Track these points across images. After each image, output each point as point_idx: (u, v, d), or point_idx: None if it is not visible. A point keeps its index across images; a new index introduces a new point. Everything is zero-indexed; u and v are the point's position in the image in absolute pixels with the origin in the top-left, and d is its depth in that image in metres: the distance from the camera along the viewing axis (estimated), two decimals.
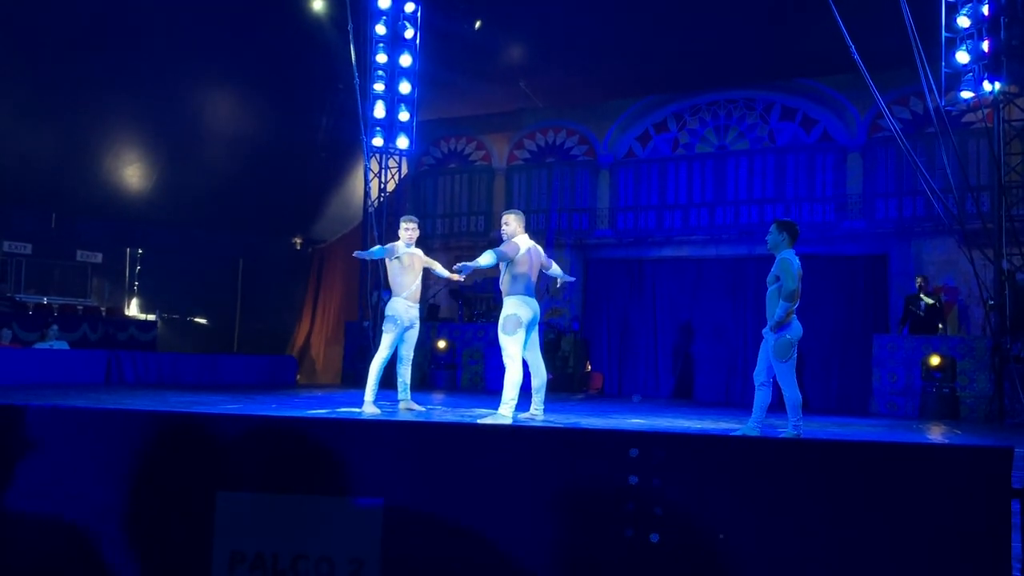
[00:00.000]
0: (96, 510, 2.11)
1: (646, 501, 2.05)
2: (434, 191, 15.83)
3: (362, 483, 2.09)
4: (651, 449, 2.07)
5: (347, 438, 2.12)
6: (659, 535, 2.04)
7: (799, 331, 5.99)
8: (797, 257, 6.07)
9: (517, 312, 6.45)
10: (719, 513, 2.05)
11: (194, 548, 2.09)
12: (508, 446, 2.13)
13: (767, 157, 13.39)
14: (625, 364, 14.23)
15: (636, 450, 2.05)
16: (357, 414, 6.89)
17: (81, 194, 15.20)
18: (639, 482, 2.06)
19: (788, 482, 2.05)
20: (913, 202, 12.23)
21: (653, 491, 2.05)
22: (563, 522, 2.06)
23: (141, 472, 2.12)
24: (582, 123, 14.88)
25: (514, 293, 6.53)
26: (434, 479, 2.10)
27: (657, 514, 2.05)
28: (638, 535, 2.04)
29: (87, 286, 15.71)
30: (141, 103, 14.68)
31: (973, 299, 11.31)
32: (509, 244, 6.56)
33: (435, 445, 2.12)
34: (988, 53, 9.96)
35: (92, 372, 11.35)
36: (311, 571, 2.06)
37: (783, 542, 2.03)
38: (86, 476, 2.11)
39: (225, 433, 2.12)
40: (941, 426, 8.85)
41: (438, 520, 2.08)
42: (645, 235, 14.12)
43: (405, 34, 13.80)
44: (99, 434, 2.14)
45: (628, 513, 2.05)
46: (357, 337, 13.83)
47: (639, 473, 2.06)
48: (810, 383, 12.82)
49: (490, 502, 2.09)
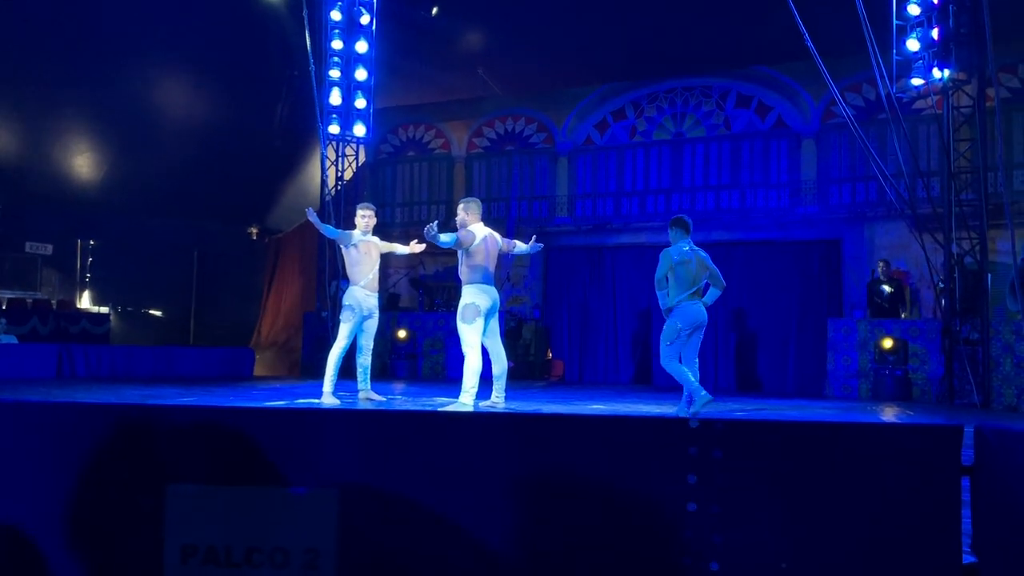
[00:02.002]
0: (39, 509, 2.04)
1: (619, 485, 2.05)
2: (393, 179, 15.72)
3: (316, 473, 2.06)
4: (603, 432, 2.07)
5: (300, 428, 2.09)
6: None
7: (689, 319, 6.60)
8: (688, 249, 6.70)
9: (475, 301, 6.47)
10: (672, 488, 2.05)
11: (145, 543, 2.04)
12: (466, 433, 2.11)
13: (723, 144, 13.51)
14: (586, 351, 14.29)
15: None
16: (316, 405, 6.82)
17: (29, 184, 14.81)
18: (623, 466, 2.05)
19: (736, 464, 2.06)
20: (866, 187, 12.44)
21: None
22: (521, 508, 2.05)
23: (87, 467, 2.06)
24: (541, 111, 14.87)
25: (472, 282, 6.54)
26: (390, 468, 2.07)
27: None
28: (607, 517, 2.04)
29: (37, 278, 15.34)
30: (89, 90, 14.32)
31: (924, 282, 11.56)
32: (466, 232, 6.55)
33: (390, 433, 2.09)
34: (937, 41, 10.14)
35: (42, 366, 11.09)
36: (265, 563, 2.03)
37: (735, 518, 2.04)
38: (27, 473, 2.05)
39: (174, 425, 2.07)
40: (894, 407, 9.04)
41: (395, 509, 2.06)
42: (603, 222, 14.17)
43: (361, 20, 13.63)
44: (42, 429, 2.08)
45: (595, 495, 2.05)
46: (315, 328, 13.70)
47: (606, 456, 2.06)
48: (766, 367, 13.02)
49: (447, 490, 2.07)
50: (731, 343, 13.29)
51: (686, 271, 6.58)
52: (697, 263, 6.65)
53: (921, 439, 2.06)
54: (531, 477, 2.06)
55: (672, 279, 6.59)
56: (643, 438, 2.09)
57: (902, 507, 2.02)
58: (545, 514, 2.06)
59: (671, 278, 6.59)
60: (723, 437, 2.05)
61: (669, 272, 6.59)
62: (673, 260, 6.60)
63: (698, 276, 6.64)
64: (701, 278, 6.68)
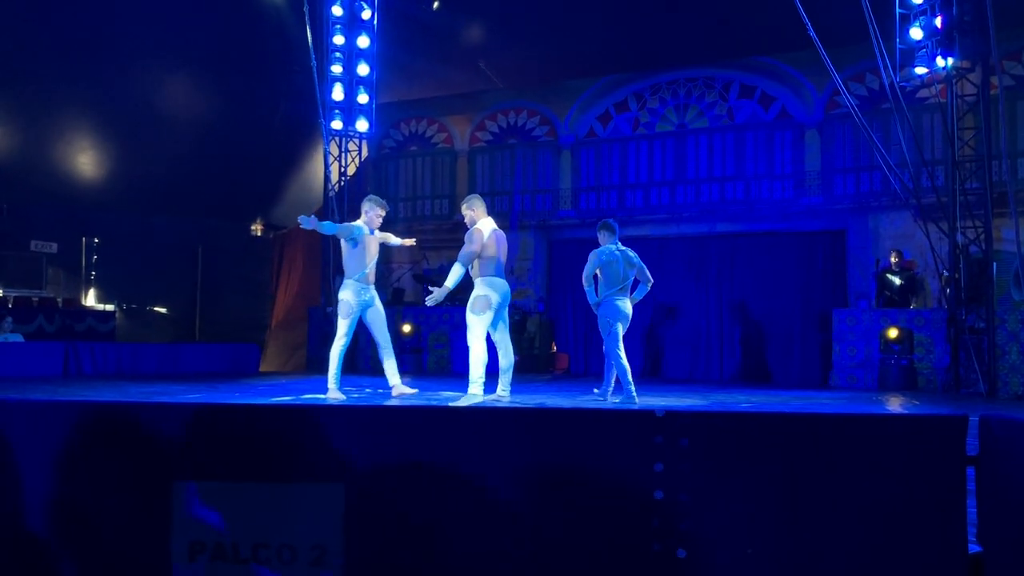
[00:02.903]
0: (47, 507, 2.06)
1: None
2: (396, 174, 15.71)
3: (322, 468, 2.06)
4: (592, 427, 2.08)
5: (305, 423, 2.09)
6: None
7: (618, 314, 7.22)
8: (615, 250, 7.32)
9: (487, 293, 6.53)
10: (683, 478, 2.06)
11: (152, 541, 2.05)
12: (472, 427, 2.12)
13: (726, 135, 13.47)
14: (591, 344, 14.27)
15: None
16: (322, 400, 6.83)
17: (33, 183, 14.83)
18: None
19: (737, 453, 2.06)
20: (870, 177, 12.40)
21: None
22: (532, 501, 2.06)
23: (94, 465, 2.07)
24: (543, 103, 14.84)
25: (485, 275, 6.58)
26: (396, 462, 2.08)
27: None
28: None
29: (42, 277, 15.36)
30: (91, 88, 14.33)
31: (929, 272, 11.53)
32: (472, 236, 6.57)
33: (396, 428, 2.10)
34: (941, 29, 10.09)
35: (49, 365, 11.13)
36: (272, 559, 2.04)
37: (733, 508, 2.05)
38: (35, 472, 2.06)
39: (181, 422, 2.07)
40: (899, 397, 9.03)
41: (401, 504, 2.06)
42: (607, 215, 14.13)
43: (362, 15, 13.62)
44: (50, 428, 2.08)
45: (608, 490, 2.06)
46: (320, 323, 13.72)
47: (578, 447, 2.06)
48: (772, 358, 13.01)
49: (454, 485, 2.07)
50: (736, 334, 13.28)
51: (613, 271, 7.23)
52: (624, 262, 7.27)
53: (926, 429, 2.06)
54: (530, 468, 2.07)
55: (601, 277, 7.27)
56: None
57: (907, 498, 2.02)
58: (546, 505, 2.07)
59: (600, 276, 7.27)
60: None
61: (598, 271, 7.27)
62: (601, 260, 7.27)
63: (626, 275, 7.28)
64: (629, 276, 7.32)
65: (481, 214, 6.74)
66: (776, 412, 2.15)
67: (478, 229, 6.61)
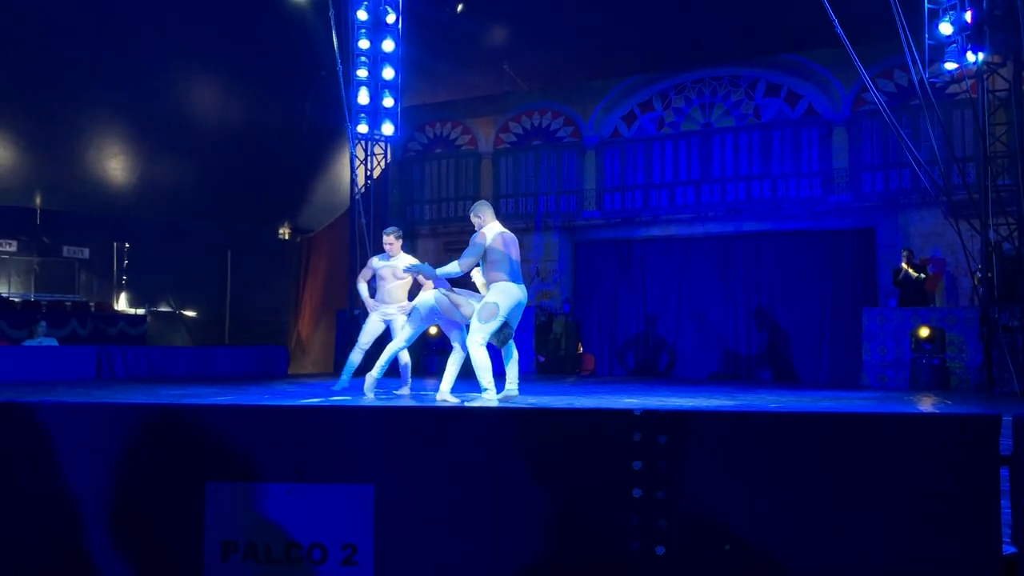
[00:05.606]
0: (85, 507, 2.09)
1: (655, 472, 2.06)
2: (421, 177, 15.78)
3: (352, 469, 2.09)
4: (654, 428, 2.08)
5: (335, 425, 2.12)
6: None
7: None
8: None
9: (498, 301, 6.38)
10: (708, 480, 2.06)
11: (186, 540, 2.08)
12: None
13: (752, 133, 13.38)
14: (617, 345, 14.26)
15: (639, 434, 2.08)
16: (351, 401, 6.88)
17: (65, 189, 15.09)
18: (643, 463, 2.07)
19: (775, 455, 2.05)
20: (899, 175, 12.26)
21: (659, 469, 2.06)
22: (558, 501, 2.07)
23: (130, 466, 2.10)
24: (567, 104, 14.83)
25: (498, 280, 6.46)
26: (425, 463, 2.09)
27: (661, 497, 2.05)
28: (644, 517, 2.05)
29: (75, 282, 15.63)
30: (122, 94, 14.56)
31: (961, 270, 11.37)
32: (473, 241, 6.57)
33: (423, 429, 2.11)
34: (971, 24, 9.96)
35: (82, 368, 11.30)
36: (304, 558, 2.06)
37: (770, 510, 2.04)
38: (73, 472, 2.10)
39: (213, 423, 2.10)
40: (931, 396, 8.91)
41: (429, 505, 2.08)
42: (632, 215, 14.12)
43: (387, 19, 13.70)
44: (87, 429, 2.12)
45: (630, 481, 2.06)
46: (348, 326, 13.80)
47: (644, 454, 2.07)
48: (801, 358, 12.90)
49: (482, 485, 2.09)
50: (764, 335, 13.19)
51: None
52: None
53: (959, 429, 2.04)
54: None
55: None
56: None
57: (941, 498, 2.00)
58: (581, 503, 2.07)
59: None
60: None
61: None
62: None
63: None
64: None
65: (489, 218, 6.71)
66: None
67: (481, 233, 6.55)
